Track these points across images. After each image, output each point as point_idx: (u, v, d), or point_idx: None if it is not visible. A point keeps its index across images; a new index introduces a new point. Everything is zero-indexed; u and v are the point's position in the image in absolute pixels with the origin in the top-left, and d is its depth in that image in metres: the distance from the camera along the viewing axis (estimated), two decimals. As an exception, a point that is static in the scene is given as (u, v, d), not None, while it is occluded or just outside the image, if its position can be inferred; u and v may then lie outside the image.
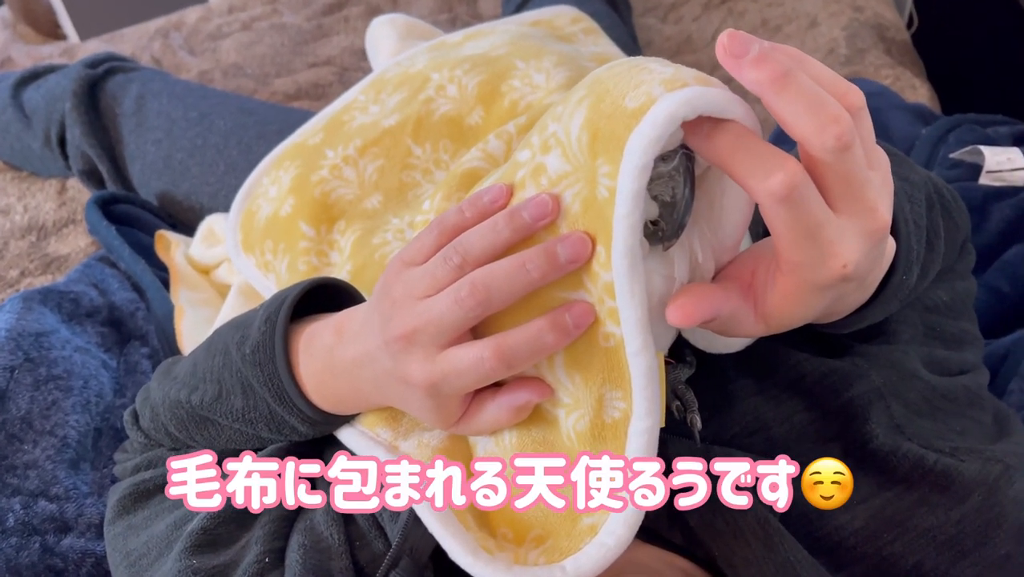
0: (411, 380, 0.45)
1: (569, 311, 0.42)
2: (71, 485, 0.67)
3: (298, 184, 0.74)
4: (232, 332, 0.55)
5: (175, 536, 0.53)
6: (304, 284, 0.55)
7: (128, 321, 0.84)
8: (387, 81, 0.81)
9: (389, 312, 0.45)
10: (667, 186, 0.40)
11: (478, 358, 0.42)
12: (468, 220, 0.44)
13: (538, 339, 0.42)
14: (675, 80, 0.38)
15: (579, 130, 0.41)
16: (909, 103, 1.12)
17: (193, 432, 0.57)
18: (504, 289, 0.42)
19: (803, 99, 0.36)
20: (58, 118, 1.09)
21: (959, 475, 0.50)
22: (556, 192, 0.42)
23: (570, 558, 0.43)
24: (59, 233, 1.08)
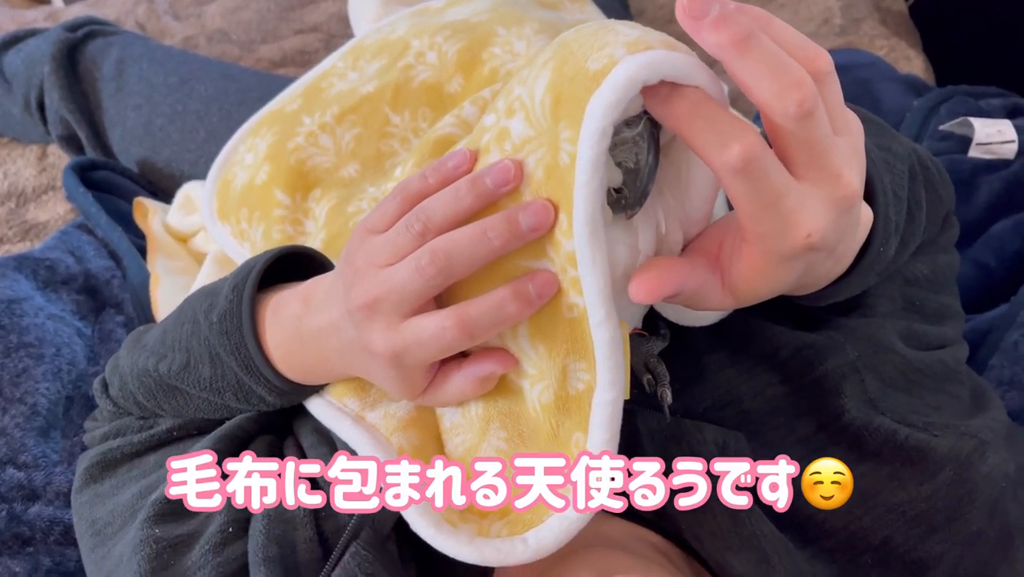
0: (373, 350, 0.44)
1: (532, 280, 0.41)
2: (40, 453, 0.67)
3: (274, 151, 0.73)
4: (201, 300, 0.54)
5: (139, 505, 0.52)
6: (272, 252, 0.54)
7: (104, 289, 0.83)
8: (367, 48, 0.79)
9: (352, 280, 0.44)
10: (631, 152, 0.39)
11: (439, 328, 0.42)
12: (431, 186, 0.43)
13: (500, 309, 0.41)
14: (639, 43, 0.37)
15: (542, 93, 0.40)
16: (901, 74, 1.11)
17: (161, 401, 0.56)
18: (465, 257, 0.41)
19: (764, 63, 0.35)
20: (37, 82, 1.07)
21: (931, 450, 0.50)
22: (519, 158, 0.41)
23: (532, 530, 0.43)
24: (38, 200, 1.06)
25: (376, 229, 0.44)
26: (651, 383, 0.50)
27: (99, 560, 0.53)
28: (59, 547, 0.64)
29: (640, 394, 0.51)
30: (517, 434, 0.46)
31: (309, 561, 0.48)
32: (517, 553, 0.43)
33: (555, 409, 0.43)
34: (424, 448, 0.49)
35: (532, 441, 0.45)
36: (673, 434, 0.49)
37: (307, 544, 0.48)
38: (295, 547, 0.48)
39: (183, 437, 0.58)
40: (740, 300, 0.42)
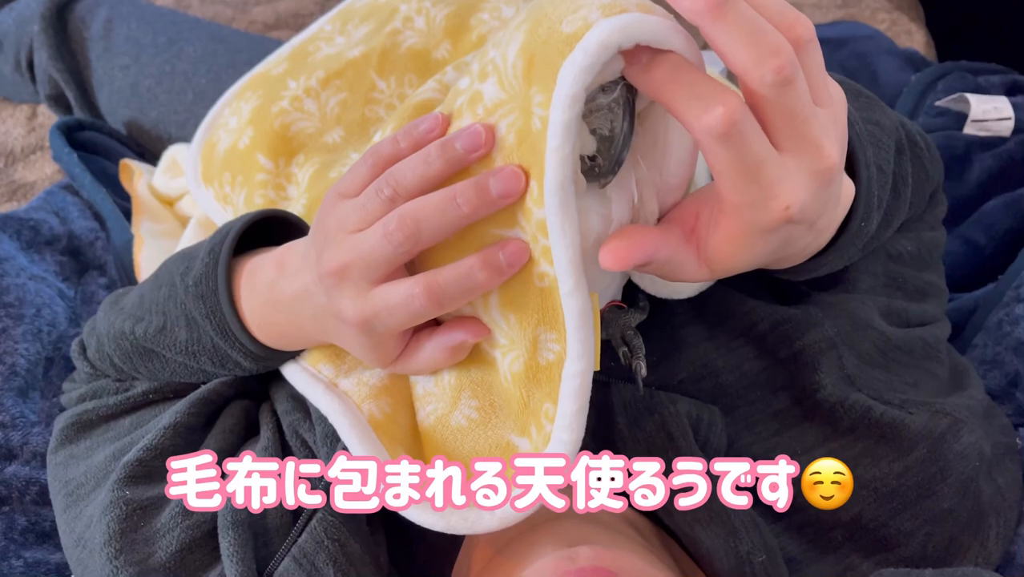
0: (343, 316, 0.43)
1: (503, 249, 0.41)
2: (18, 413, 0.67)
3: (257, 115, 0.72)
4: (178, 263, 0.54)
5: (112, 467, 0.53)
6: (250, 216, 0.53)
7: (87, 250, 0.82)
8: (355, 11, 0.78)
9: (323, 246, 0.44)
10: (606, 119, 0.38)
11: (408, 295, 0.41)
12: (403, 150, 0.43)
13: (469, 277, 0.41)
14: (614, 6, 0.36)
15: (515, 56, 0.39)
16: (901, 48, 1.09)
17: (137, 364, 0.56)
18: (434, 224, 0.40)
19: (741, 29, 0.34)
20: (27, 41, 1.06)
21: (905, 427, 0.49)
22: (491, 122, 0.40)
23: None
24: (27, 160, 1.06)
25: (347, 193, 0.44)
26: (627, 355, 0.50)
27: (71, 520, 0.53)
28: (35, 506, 0.64)
29: (616, 366, 0.50)
30: (489, 404, 0.46)
31: (278, 526, 0.48)
32: (483, 522, 0.43)
33: (526, 379, 0.43)
34: (396, 416, 0.48)
35: (503, 411, 0.45)
36: (646, 406, 0.49)
37: (276, 509, 0.49)
38: (265, 512, 0.49)
39: (159, 400, 0.58)
40: (716, 272, 0.41)
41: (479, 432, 0.45)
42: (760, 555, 0.46)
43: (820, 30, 1.16)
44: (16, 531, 0.61)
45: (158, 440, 0.52)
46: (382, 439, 0.47)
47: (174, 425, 0.53)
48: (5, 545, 0.60)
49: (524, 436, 0.43)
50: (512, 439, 0.44)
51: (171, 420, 0.53)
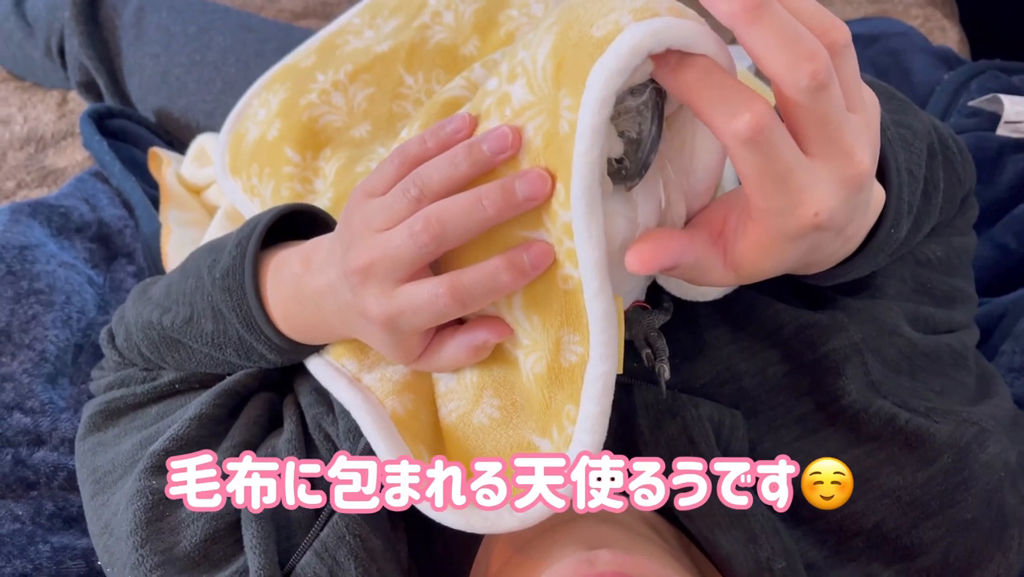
0: (368, 314, 0.44)
1: (527, 251, 0.41)
2: (47, 399, 0.68)
3: (286, 107, 0.72)
4: (205, 255, 0.54)
5: (139, 455, 0.53)
6: (277, 209, 0.53)
7: (116, 238, 0.83)
8: (384, 4, 0.78)
9: (348, 243, 0.44)
10: (634, 122, 0.38)
11: (432, 295, 0.41)
12: (430, 150, 0.43)
13: (494, 278, 0.41)
14: (645, 10, 0.36)
15: (545, 59, 0.39)
16: (934, 46, 1.08)
17: (164, 354, 0.56)
18: (459, 225, 0.40)
19: (776, 33, 0.34)
20: (58, 27, 1.07)
21: (930, 436, 0.49)
22: (519, 124, 0.40)
23: (519, 500, 0.43)
24: (57, 145, 1.07)
25: (374, 192, 0.44)
26: (650, 357, 0.50)
27: (98, 508, 0.54)
28: (63, 492, 0.65)
29: (639, 367, 0.50)
30: (511, 403, 0.46)
31: (300, 519, 0.49)
32: (504, 521, 0.43)
33: (548, 380, 0.43)
34: (418, 413, 0.49)
35: (525, 411, 0.45)
36: (668, 408, 0.49)
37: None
38: None
39: (185, 390, 0.58)
40: (742, 277, 0.41)
41: (500, 431, 0.45)
42: (780, 561, 0.45)
43: (851, 26, 1.14)
44: (44, 516, 0.62)
45: (183, 431, 0.53)
46: (404, 435, 0.47)
47: (199, 416, 0.54)
48: (32, 530, 0.61)
49: (545, 437, 0.44)
50: (533, 439, 0.44)
51: (196, 411, 0.54)
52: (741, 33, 0.34)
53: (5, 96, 1.15)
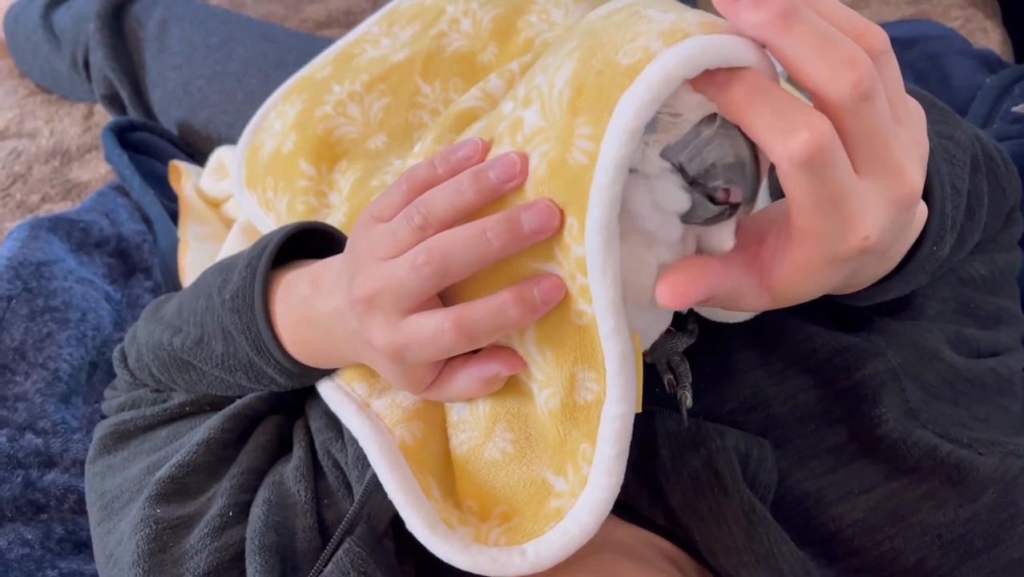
0: (374, 344, 0.42)
1: (537, 285, 0.39)
2: (59, 419, 0.67)
3: (301, 120, 0.71)
4: (216, 275, 0.53)
5: (146, 481, 0.52)
6: (287, 229, 0.52)
7: (134, 253, 0.82)
8: (401, 12, 0.76)
9: (354, 269, 0.42)
10: (720, 148, 0.34)
11: (438, 329, 0.40)
12: (439, 176, 0.41)
13: (501, 313, 0.39)
14: (675, 31, 0.33)
15: (563, 84, 0.36)
16: (975, 48, 1.04)
17: (175, 375, 0.55)
18: (462, 259, 0.38)
19: (812, 40, 0.31)
20: (84, 40, 1.07)
21: (974, 469, 0.46)
22: (527, 150, 0.38)
23: (531, 542, 0.41)
24: (82, 159, 1.07)
25: (381, 217, 0.42)
26: (672, 383, 0.47)
27: (104, 534, 0.53)
28: (73, 515, 0.64)
29: (660, 393, 0.48)
30: (525, 437, 0.43)
31: (306, 551, 0.47)
32: (514, 564, 0.41)
33: (562, 417, 0.41)
34: (427, 442, 0.47)
35: (539, 446, 0.43)
36: (692, 438, 0.46)
37: (306, 532, 0.47)
38: (294, 535, 0.47)
39: (195, 413, 0.57)
40: (778, 301, 0.38)
41: (514, 467, 0.43)
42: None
43: (888, 28, 1.11)
44: (53, 540, 0.61)
45: (190, 456, 0.51)
46: (412, 466, 0.45)
47: (207, 441, 0.52)
48: (42, 554, 0.60)
49: (560, 475, 0.41)
50: (548, 477, 0.42)
51: (204, 436, 0.52)
52: (774, 44, 0.32)
53: (32, 109, 1.16)
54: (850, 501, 0.46)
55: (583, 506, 0.40)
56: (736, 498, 0.43)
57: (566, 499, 0.41)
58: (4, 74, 1.22)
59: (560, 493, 0.41)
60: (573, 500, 0.40)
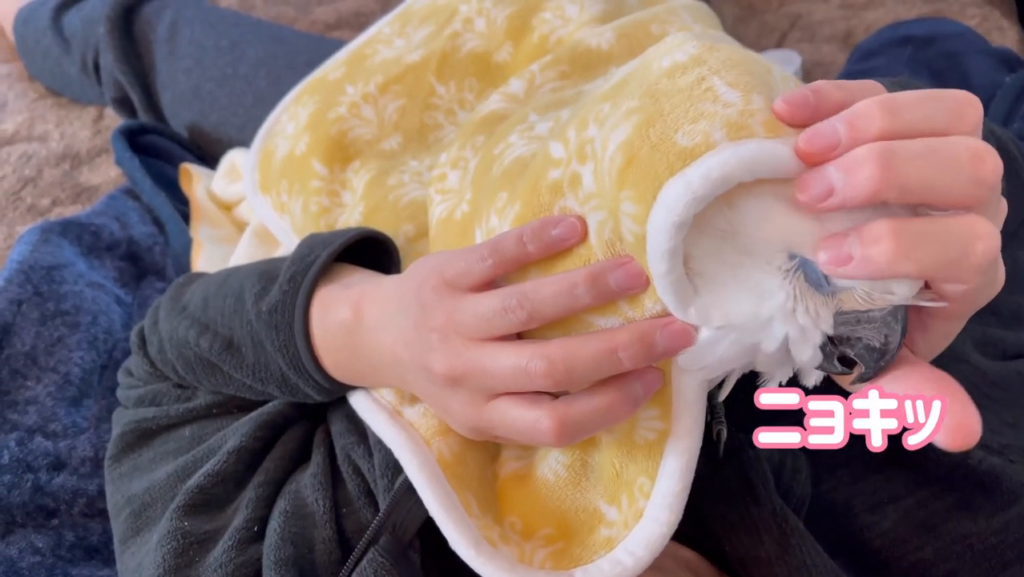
0: (452, 416, 0.42)
1: (641, 380, 0.37)
2: (70, 423, 0.66)
3: (314, 121, 0.70)
4: (253, 280, 0.51)
5: (176, 489, 0.50)
6: (336, 246, 0.50)
7: (145, 256, 0.82)
8: (414, 13, 0.76)
9: (427, 338, 0.41)
10: (879, 332, 0.33)
11: (535, 425, 0.38)
12: (530, 254, 0.39)
13: (609, 412, 0.37)
14: (741, 127, 0.32)
15: (615, 149, 0.35)
16: (994, 47, 1.02)
17: (200, 376, 0.54)
18: (589, 371, 0.37)
19: (932, 250, 0.30)
20: (94, 43, 1.07)
21: (1007, 478, 0.45)
22: (586, 212, 0.38)
23: (580, 569, 0.40)
24: (92, 162, 1.06)
25: (458, 285, 0.40)
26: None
27: (141, 545, 0.50)
28: (83, 519, 0.63)
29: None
30: (581, 464, 0.43)
31: (326, 563, 0.45)
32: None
33: (619, 452, 0.41)
34: (464, 457, 0.45)
35: (594, 474, 0.42)
36: (725, 448, 0.45)
37: (325, 544, 0.46)
38: (312, 547, 0.46)
39: (222, 414, 0.55)
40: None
41: (567, 491, 0.43)
42: None
43: (905, 27, 1.10)
44: (64, 548, 0.61)
45: (220, 466, 0.50)
46: (451, 482, 0.44)
47: (239, 450, 0.51)
48: (53, 562, 0.59)
49: (613, 505, 0.41)
50: (600, 505, 0.41)
51: (236, 444, 0.51)
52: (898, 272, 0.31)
53: (42, 113, 1.15)
54: (879, 511, 0.45)
55: (638, 540, 0.39)
56: (768, 508, 0.42)
57: (618, 529, 0.40)
58: (14, 78, 1.22)
59: (612, 522, 0.40)
60: (626, 531, 0.40)
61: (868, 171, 0.29)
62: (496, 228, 0.44)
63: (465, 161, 0.55)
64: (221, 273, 0.57)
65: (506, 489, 0.45)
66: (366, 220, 0.63)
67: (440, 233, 0.52)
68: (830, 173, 0.30)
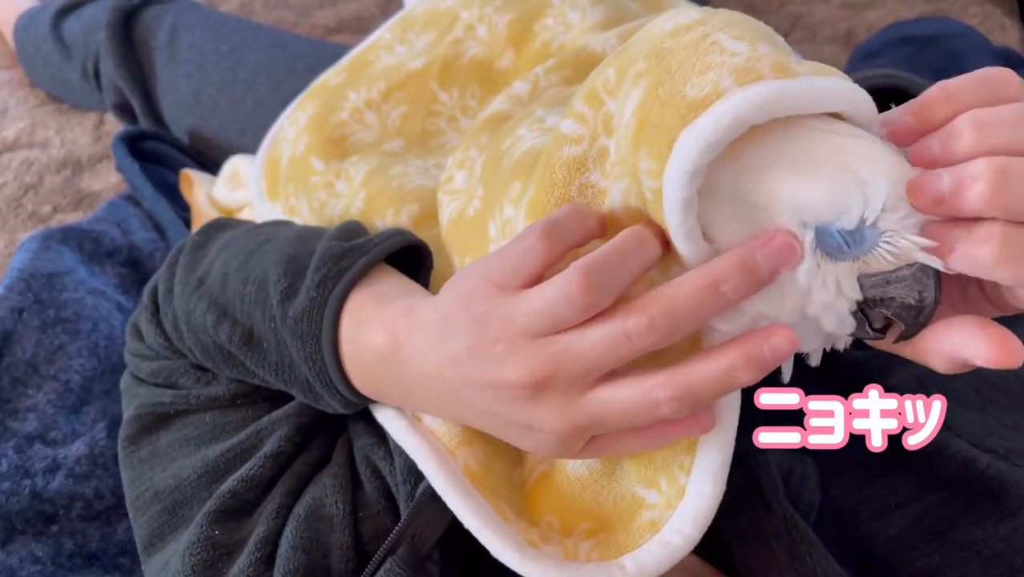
0: (543, 427, 0.37)
1: (768, 340, 0.34)
2: (70, 431, 0.66)
3: (315, 123, 0.70)
4: (277, 268, 0.48)
5: (210, 489, 0.49)
6: (375, 251, 0.47)
7: (147, 262, 0.82)
8: (415, 19, 0.75)
9: (494, 354, 0.37)
10: (912, 289, 0.33)
11: (650, 400, 0.35)
12: (592, 230, 0.38)
13: (730, 378, 0.34)
14: (749, 71, 0.32)
15: (631, 115, 0.35)
16: (995, 46, 1.02)
17: (220, 365, 0.51)
18: (691, 319, 0.34)
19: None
20: (94, 49, 1.07)
21: (1014, 483, 0.44)
22: (608, 186, 0.38)
23: (629, 555, 0.39)
24: (93, 168, 1.06)
25: (512, 285, 0.37)
26: None
27: (171, 545, 0.49)
28: (82, 523, 0.62)
29: None
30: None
31: (342, 572, 0.44)
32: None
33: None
34: (491, 465, 0.44)
35: (628, 462, 0.42)
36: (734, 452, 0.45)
37: (342, 550, 0.45)
38: (328, 552, 0.45)
39: (247, 404, 0.53)
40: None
41: (603, 482, 0.42)
42: None
43: (906, 27, 1.10)
44: (63, 556, 0.60)
45: (256, 471, 0.48)
46: (481, 492, 0.43)
47: (276, 455, 0.49)
48: (53, 571, 0.59)
49: (652, 488, 0.40)
50: (638, 491, 0.41)
51: (274, 448, 0.49)
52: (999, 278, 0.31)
53: (43, 119, 1.15)
54: (886, 517, 0.45)
55: (684, 517, 0.39)
56: (779, 515, 0.42)
57: (661, 510, 0.40)
58: (15, 84, 1.22)
59: (654, 505, 0.40)
60: (670, 511, 0.39)
61: (979, 188, 0.29)
62: (511, 218, 0.43)
63: (471, 161, 0.54)
64: (242, 240, 0.53)
65: (537, 491, 0.44)
66: (368, 206, 0.61)
67: (452, 233, 0.51)
68: (943, 183, 0.30)
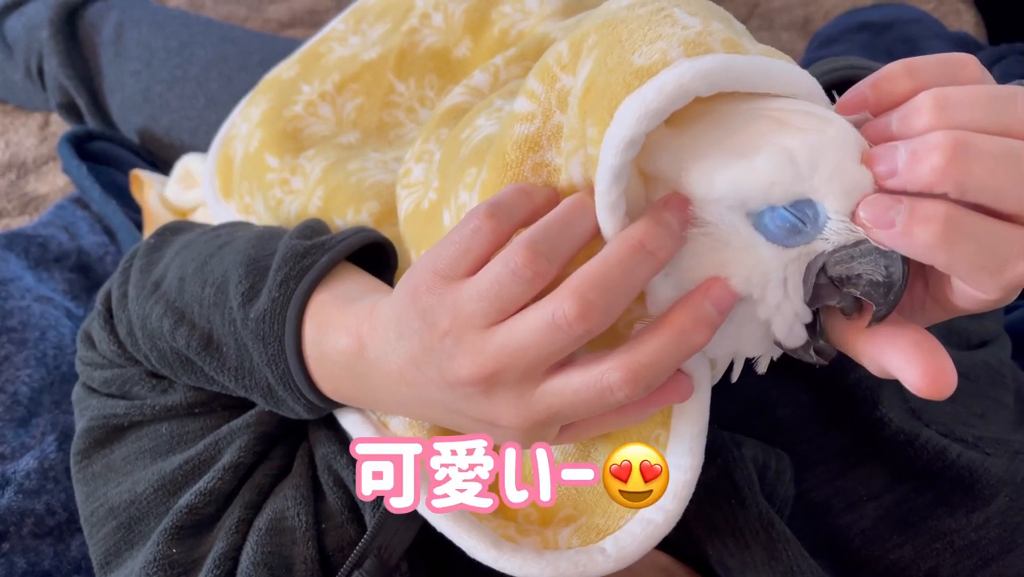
0: (501, 422, 0.35)
1: (707, 295, 0.32)
2: (18, 445, 0.63)
3: (267, 118, 0.68)
4: (237, 270, 0.46)
5: (166, 504, 0.47)
6: (336, 248, 0.46)
7: (96, 266, 0.79)
8: (369, 9, 0.74)
9: (444, 349, 0.35)
10: (878, 264, 0.31)
11: (602, 386, 0.33)
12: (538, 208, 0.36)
13: (682, 342, 0.32)
14: (698, 44, 0.31)
15: (581, 83, 0.34)
16: (951, 31, 1.03)
17: (178, 372, 0.49)
18: (624, 280, 0.32)
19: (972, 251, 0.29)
20: (37, 48, 1.03)
21: (985, 472, 0.44)
22: (563, 163, 0.36)
23: (610, 538, 0.39)
24: (39, 171, 1.03)
25: (456, 274, 0.35)
26: None
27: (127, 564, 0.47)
28: (34, 540, 0.60)
29: None
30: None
31: None
32: (597, 564, 0.38)
33: None
34: None
35: (601, 443, 0.41)
36: (708, 447, 0.43)
37: (305, 565, 0.43)
38: (291, 567, 0.43)
39: (205, 414, 0.51)
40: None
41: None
42: None
43: (863, 13, 1.10)
44: (16, 575, 0.58)
45: (215, 484, 0.46)
46: None
47: (235, 466, 0.47)
48: (6, 592, 0.57)
49: None
50: None
51: (232, 459, 0.47)
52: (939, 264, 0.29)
53: (-14, 120, 1.11)
54: (858, 509, 0.44)
55: (667, 492, 0.37)
56: (754, 511, 0.41)
57: None
58: (-45, 85, 1.18)
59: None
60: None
61: (935, 159, 0.28)
62: (466, 203, 0.42)
63: (430, 154, 0.53)
64: (200, 242, 0.51)
65: None
66: (327, 204, 0.59)
67: (409, 227, 0.50)
68: (898, 154, 0.29)
